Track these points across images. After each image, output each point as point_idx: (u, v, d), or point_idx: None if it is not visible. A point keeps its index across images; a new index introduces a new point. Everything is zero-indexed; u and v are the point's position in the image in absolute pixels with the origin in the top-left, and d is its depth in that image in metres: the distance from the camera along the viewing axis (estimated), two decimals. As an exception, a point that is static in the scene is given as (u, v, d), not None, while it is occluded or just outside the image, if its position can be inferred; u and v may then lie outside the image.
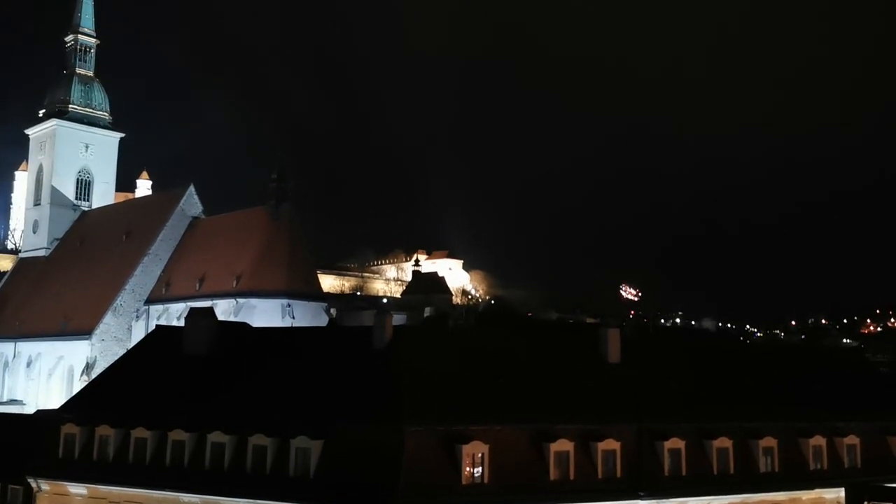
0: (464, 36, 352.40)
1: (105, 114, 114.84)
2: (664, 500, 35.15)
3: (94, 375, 70.17)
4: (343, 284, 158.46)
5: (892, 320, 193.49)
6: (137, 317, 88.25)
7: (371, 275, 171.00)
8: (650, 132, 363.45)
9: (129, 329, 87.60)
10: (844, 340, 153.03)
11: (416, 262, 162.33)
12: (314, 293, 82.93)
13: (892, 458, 41.51)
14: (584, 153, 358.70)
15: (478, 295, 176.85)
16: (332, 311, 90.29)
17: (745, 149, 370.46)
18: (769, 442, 38.12)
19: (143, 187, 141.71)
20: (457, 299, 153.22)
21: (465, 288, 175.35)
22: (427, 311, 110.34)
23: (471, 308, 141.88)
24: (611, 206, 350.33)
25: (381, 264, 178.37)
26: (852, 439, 40.41)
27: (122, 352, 66.87)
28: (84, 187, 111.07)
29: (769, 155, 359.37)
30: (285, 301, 77.58)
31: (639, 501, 34.61)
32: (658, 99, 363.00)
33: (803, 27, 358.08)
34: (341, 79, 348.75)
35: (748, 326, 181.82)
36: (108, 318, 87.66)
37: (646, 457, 35.48)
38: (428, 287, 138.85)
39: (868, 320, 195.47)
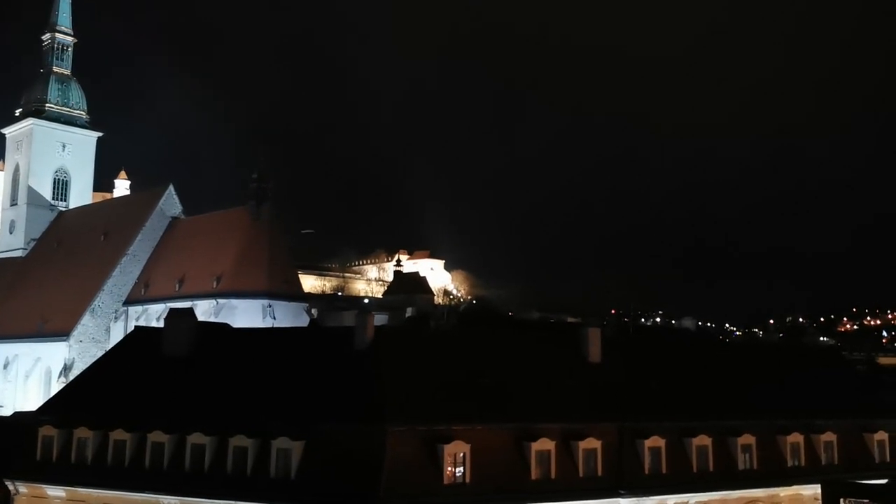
0: (446, 35, 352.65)
1: (82, 113, 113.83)
2: (645, 499, 35.39)
3: (71, 377, 69.48)
4: (324, 285, 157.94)
5: (869, 318, 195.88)
6: (116, 318, 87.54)
7: (352, 275, 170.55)
8: (630, 132, 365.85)
9: (108, 330, 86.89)
10: (822, 339, 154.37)
11: (398, 263, 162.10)
12: (295, 293, 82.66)
13: (868, 454, 42.04)
14: (566, 154, 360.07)
15: (459, 295, 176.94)
16: (314, 311, 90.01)
17: (724, 148, 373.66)
18: (748, 439, 38.48)
19: (122, 187, 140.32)
20: (438, 299, 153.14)
21: (447, 288, 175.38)
22: (409, 312, 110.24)
23: (452, 308, 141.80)
24: (592, 207, 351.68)
25: (363, 264, 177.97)
26: (829, 436, 40.88)
27: (100, 353, 66.37)
28: (61, 187, 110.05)
29: (747, 155, 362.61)
30: (266, 301, 77.27)
31: (620, 500, 34.82)
32: (638, 98, 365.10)
33: (780, 27, 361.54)
34: (322, 79, 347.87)
35: (727, 325, 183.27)
36: (86, 320, 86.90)
37: (626, 455, 35.70)
38: (409, 287, 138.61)
39: (845, 319, 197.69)
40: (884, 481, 37.83)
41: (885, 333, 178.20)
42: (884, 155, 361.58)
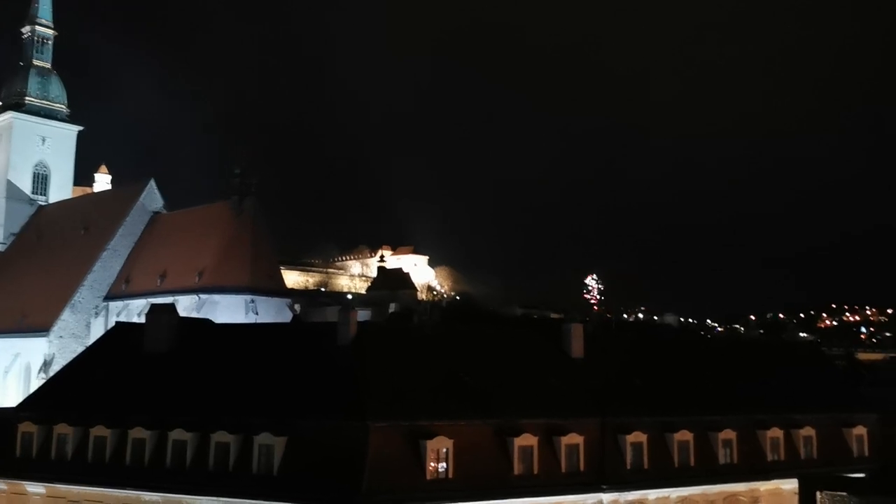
0: (432, 34, 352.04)
1: (62, 106, 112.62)
2: (627, 493, 35.61)
3: (51, 373, 68.87)
4: (307, 280, 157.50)
5: (848, 315, 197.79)
6: (96, 313, 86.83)
7: (335, 271, 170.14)
8: (616, 133, 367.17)
9: (88, 326, 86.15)
10: (801, 335, 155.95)
11: (381, 258, 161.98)
12: (278, 289, 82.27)
13: (847, 448, 42.52)
14: (551, 153, 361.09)
15: (443, 291, 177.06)
16: (296, 307, 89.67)
17: (708, 152, 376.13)
18: (728, 434, 38.81)
19: (102, 181, 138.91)
20: (422, 295, 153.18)
21: (430, 284, 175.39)
22: (392, 307, 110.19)
23: (435, 304, 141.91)
24: (576, 205, 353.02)
25: (346, 260, 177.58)
26: (808, 431, 41.32)
27: (80, 349, 65.83)
28: (41, 181, 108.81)
29: (732, 158, 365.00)
30: (248, 297, 76.86)
31: (602, 494, 35.03)
32: (626, 101, 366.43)
33: (775, 29, 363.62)
34: (307, 74, 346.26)
35: (709, 321, 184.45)
36: (67, 315, 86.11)
37: (608, 451, 35.90)
38: (393, 283, 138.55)
39: (824, 315, 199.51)
40: (862, 475, 38.25)
41: (863, 329, 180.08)
42: (870, 156, 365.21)
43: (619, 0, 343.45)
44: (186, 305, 73.27)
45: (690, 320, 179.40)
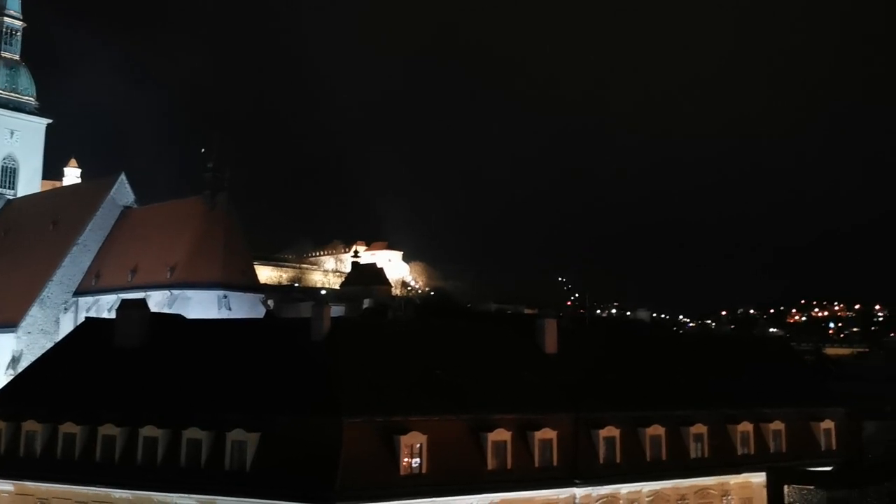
0: (407, 31, 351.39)
1: (31, 99, 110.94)
2: (599, 488, 35.89)
3: (20, 369, 67.96)
4: (280, 276, 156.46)
5: (817, 310, 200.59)
6: (66, 309, 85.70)
7: (309, 266, 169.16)
8: (592, 131, 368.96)
9: (57, 321, 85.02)
10: (771, 330, 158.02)
11: (355, 254, 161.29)
12: (251, 284, 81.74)
13: (815, 442, 43.19)
14: (527, 150, 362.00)
15: (417, 286, 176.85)
16: (270, 302, 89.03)
17: (685, 151, 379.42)
18: (699, 429, 39.25)
19: (72, 175, 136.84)
20: (396, 291, 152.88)
21: (405, 279, 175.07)
22: (366, 303, 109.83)
23: (410, 299, 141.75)
24: (550, 201, 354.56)
25: (320, 255, 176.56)
26: (778, 425, 41.90)
27: (49, 345, 64.96)
28: (9, 175, 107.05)
29: (708, 159, 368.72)
30: (221, 292, 76.24)
31: (575, 489, 35.27)
32: (601, 100, 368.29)
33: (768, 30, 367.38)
34: (282, 70, 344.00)
35: (681, 317, 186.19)
36: (35, 311, 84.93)
37: (582, 445, 36.14)
38: (367, 278, 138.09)
39: (794, 311, 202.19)
40: (829, 468, 38.89)
41: (832, 325, 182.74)
42: (837, 160, 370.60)
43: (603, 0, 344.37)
44: (158, 301, 72.59)
45: (663, 316, 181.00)
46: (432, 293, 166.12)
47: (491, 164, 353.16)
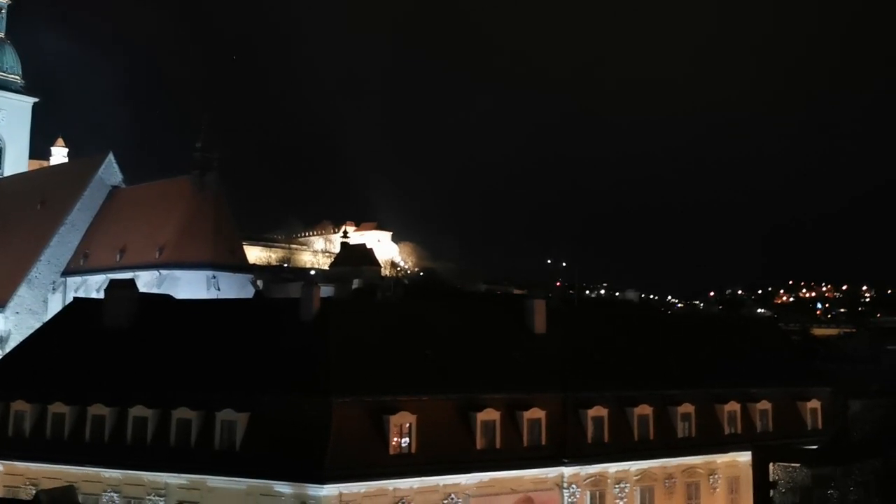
0: (392, 13, 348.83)
1: (17, 77, 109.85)
2: (587, 467, 36.17)
3: (8, 349, 67.69)
4: (270, 256, 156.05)
5: (804, 291, 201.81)
6: (54, 289, 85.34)
7: (298, 246, 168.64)
8: (580, 113, 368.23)
9: (45, 302, 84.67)
10: (759, 310, 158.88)
11: (345, 234, 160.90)
12: (240, 265, 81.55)
13: (801, 421, 43.62)
14: (517, 133, 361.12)
15: (406, 267, 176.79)
16: (259, 282, 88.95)
17: (673, 132, 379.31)
18: (687, 408, 39.55)
19: (59, 155, 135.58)
20: (385, 271, 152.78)
21: (394, 260, 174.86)
22: (355, 283, 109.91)
23: (399, 280, 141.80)
24: (539, 183, 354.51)
25: (309, 236, 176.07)
26: (764, 405, 42.27)
27: (37, 325, 64.67)
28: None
29: (695, 139, 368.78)
30: (210, 273, 76.04)
31: (563, 468, 35.53)
32: (588, 82, 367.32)
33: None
34: (271, 48, 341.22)
35: (669, 297, 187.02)
36: (23, 291, 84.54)
37: (570, 425, 36.36)
38: (356, 259, 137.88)
39: (781, 291, 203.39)
40: (814, 447, 39.24)
41: (819, 305, 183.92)
42: (826, 140, 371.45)
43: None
44: (147, 281, 72.33)
45: (651, 296, 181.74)
46: (422, 274, 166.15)
47: (479, 146, 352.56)
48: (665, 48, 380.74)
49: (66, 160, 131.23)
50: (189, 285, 72.93)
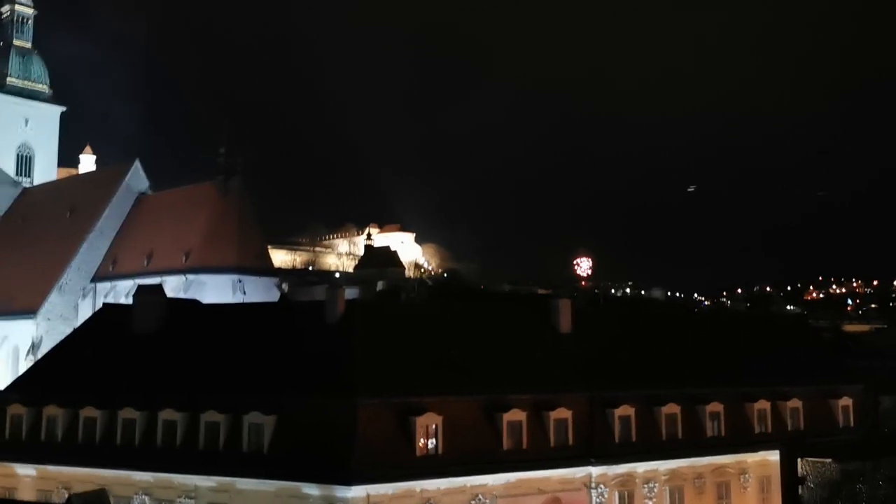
0: (408, 16, 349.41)
1: (45, 87, 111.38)
2: (615, 467, 35.92)
3: (39, 355, 68.68)
4: (294, 259, 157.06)
5: (834, 287, 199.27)
6: (84, 295, 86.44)
7: (323, 249, 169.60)
8: (600, 111, 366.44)
9: (76, 308, 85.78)
10: (788, 307, 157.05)
11: (368, 236, 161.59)
12: (265, 268, 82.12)
13: (833, 419, 43.03)
14: (537, 131, 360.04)
15: (430, 268, 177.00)
16: (284, 286, 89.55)
17: (692, 129, 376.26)
18: (716, 407, 39.15)
19: (87, 162, 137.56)
20: (409, 273, 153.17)
21: (418, 261, 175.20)
22: (379, 285, 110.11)
23: (423, 281, 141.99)
24: (563, 181, 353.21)
25: (333, 238, 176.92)
26: (795, 403, 41.73)
27: (68, 331, 65.50)
28: (25, 163, 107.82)
29: (716, 133, 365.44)
30: (236, 277, 76.71)
31: (590, 468, 35.33)
32: (609, 77, 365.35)
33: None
34: (291, 51, 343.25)
35: (696, 295, 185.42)
36: (54, 297, 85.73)
37: (597, 424, 36.15)
38: (380, 261, 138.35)
39: (811, 287, 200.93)
40: (842, 443, 38.72)
41: (849, 301, 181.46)
42: (850, 130, 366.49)
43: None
44: (174, 286, 73.04)
45: (678, 294, 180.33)
46: (445, 275, 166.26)
47: (501, 145, 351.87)
48: (686, 40, 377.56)
49: (94, 167, 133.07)
50: (215, 289, 73.61)
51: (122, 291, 79.54)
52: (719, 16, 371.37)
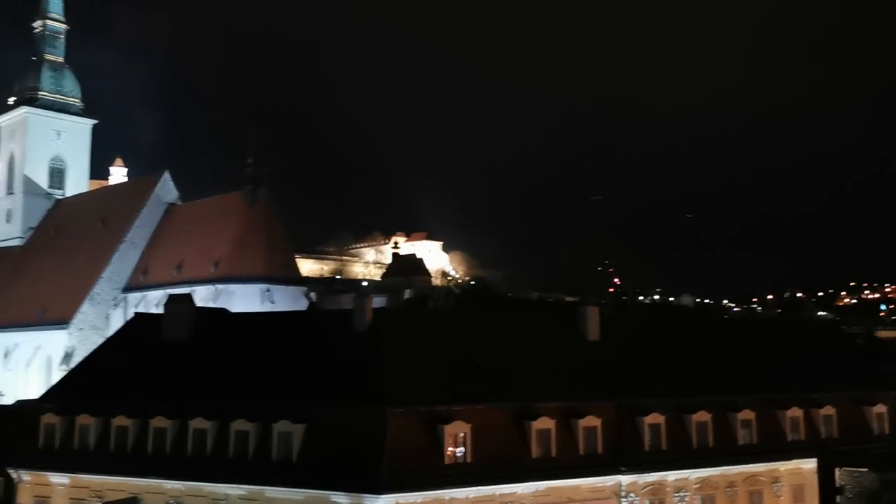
0: (437, 22, 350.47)
1: (76, 100, 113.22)
2: (645, 475, 35.59)
3: (72, 365, 69.54)
4: (322, 268, 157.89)
5: (867, 293, 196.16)
6: (115, 305, 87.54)
7: (350, 258, 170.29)
8: (623, 112, 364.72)
9: (107, 317, 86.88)
10: (820, 313, 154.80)
11: (395, 245, 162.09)
12: (293, 277, 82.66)
13: (867, 427, 42.27)
14: (568, 139, 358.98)
15: (457, 276, 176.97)
16: (312, 295, 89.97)
17: (723, 135, 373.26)
18: (747, 415, 38.65)
19: (118, 174, 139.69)
20: (436, 281, 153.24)
21: (445, 269, 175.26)
22: (407, 294, 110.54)
23: (450, 289, 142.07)
24: (591, 189, 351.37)
25: (360, 247, 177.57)
26: (829, 410, 41.07)
27: (100, 340, 66.26)
28: (57, 175, 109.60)
29: (748, 140, 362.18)
30: (264, 286, 77.29)
31: (620, 477, 35.02)
32: (631, 80, 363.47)
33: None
34: (314, 59, 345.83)
35: (725, 302, 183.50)
36: (86, 307, 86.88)
37: (626, 432, 35.85)
38: (407, 269, 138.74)
39: (843, 293, 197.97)
40: (880, 452, 38.04)
41: (882, 307, 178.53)
42: (876, 128, 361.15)
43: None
44: (203, 295, 73.75)
45: (707, 301, 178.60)
46: (472, 282, 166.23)
47: (527, 153, 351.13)
48: (715, 40, 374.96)
49: (124, 179, 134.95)
50: (244, 299, 74.18)
51: (152, 301, 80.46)
52: (726, 14, 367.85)
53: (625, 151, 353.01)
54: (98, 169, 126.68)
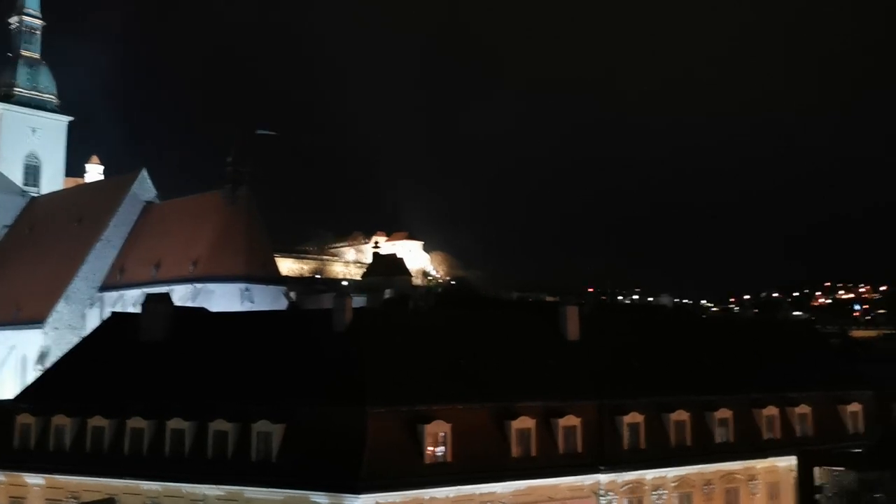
0: (416, 22, 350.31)
1: (52, 97, 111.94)
2: (624, 474, 35.84)
3: (48, 365, 68.81)
4: (302, 268, 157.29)
5: (841, 293, 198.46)
6: (91, 304, 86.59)
7: (330, 258, 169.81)
8: (606, 118, 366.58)
9: (83, 317, 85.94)
10: (796, 313, 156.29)
11: (376, 245, 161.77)
12: (273, 277, 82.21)
13: (842, 425, 42.83)
14: (545, 139, 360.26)
15: (438, 276, 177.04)
16: (292, 294, 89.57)
17: (701, 133, 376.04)
18: (724, 413, 39.03)
19: (94, 172, 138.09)
20: (417, 281, 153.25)
21: (426, 269, 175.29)
22: (387, 293, 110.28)
23: (431, 289, 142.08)
24: (568, 189, 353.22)
25: (340, 247, 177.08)
26: (804, 409, 41.57)
27: (76, 340, 65.66)
28: (32, 172, 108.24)
29: (726, 140, 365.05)
30: (244, 285, 76.78)
31: (599, 475, 35.23)
32: (616, 83, 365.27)
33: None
34: (298, 57, 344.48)
35: (703, 302, 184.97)
36: (61, 306, 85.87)
37: (606, 432, 36.07)
38: (388, 269, 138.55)
39: (818, 293, 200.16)
40: (859, 450, 38.52)
41: (857, 307, 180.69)
42: (865, 138, 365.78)
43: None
44: (181, 295, 73.09)
45: (685, 301, 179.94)
46: (453, 282, 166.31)
47: (509, 152, 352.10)
48: (698, 45, 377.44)
49: (101, 177, 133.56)
50: (223, 298, 73.64)
51: (129, 300, 79.66)
52: (744, 16, 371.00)
53: (611, 153, 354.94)
54: (74, 166, 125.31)
